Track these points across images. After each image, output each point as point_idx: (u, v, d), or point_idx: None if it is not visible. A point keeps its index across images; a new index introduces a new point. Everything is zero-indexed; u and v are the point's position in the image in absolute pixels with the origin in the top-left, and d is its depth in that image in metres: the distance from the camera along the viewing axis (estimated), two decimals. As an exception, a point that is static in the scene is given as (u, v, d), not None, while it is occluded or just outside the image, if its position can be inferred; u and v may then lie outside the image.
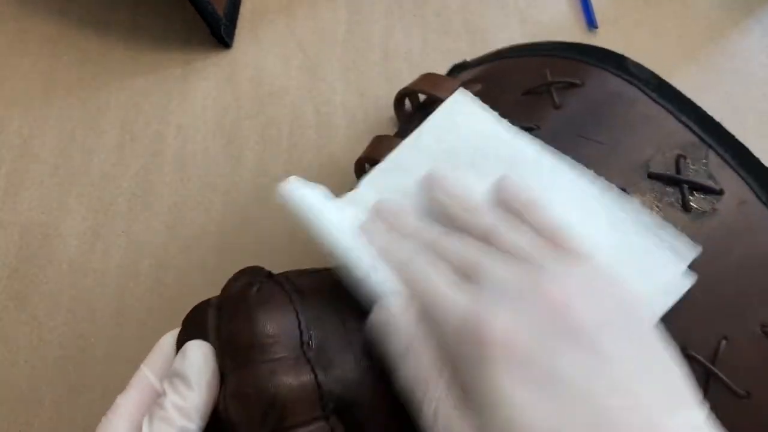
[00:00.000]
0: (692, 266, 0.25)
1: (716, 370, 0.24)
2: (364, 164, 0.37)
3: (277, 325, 0.22)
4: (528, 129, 0.30)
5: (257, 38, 0.46)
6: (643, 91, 0.29)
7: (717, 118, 0.42)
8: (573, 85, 0.31)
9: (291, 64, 0.45)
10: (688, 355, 0.25)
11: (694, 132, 0.28)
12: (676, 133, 0.28)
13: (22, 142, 0.41)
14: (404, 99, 0.39)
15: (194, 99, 0.43)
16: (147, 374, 0.23)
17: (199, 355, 0.22)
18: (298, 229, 0.40)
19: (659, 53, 0.45)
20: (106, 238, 0.38)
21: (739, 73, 0.44)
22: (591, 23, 0.46)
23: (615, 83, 0.30)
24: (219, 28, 0.43)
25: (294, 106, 0.43)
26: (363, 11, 0.47)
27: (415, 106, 0.39)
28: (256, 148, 0.41)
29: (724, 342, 0.25)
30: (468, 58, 0.41)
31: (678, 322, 0.25)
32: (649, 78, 0.30)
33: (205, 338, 0.23)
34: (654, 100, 0.29)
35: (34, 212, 0.39)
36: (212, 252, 0.38)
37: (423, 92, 0.36)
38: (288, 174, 0.40)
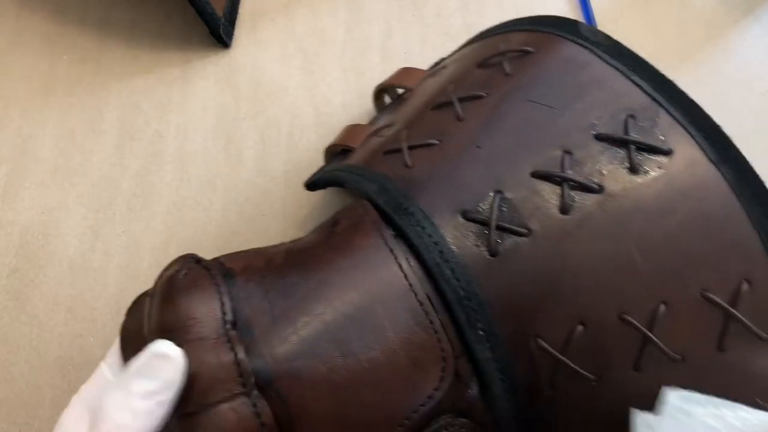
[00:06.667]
0: (634, 226, 0.25)
1: (652, 336, 0.24)
2: (333, 151, 0.37)
3: (198, 308, 0.23)
4: (476, 97, 0.29)
5: (256, 38, 0.46)
6: (595, 54, 0.29)
7: (715, 117, 0.42)
8: (525, 54, 0.30)
9: (290, 64, 0.45)
10: (625, 320, 0.24)
11: (645, 92, 0.27)
12: (626, 93, 0.27)
13: (22, 142, 0.41)
14: (383, 94, 0.39)
15: (194, 99, 0.43)
16: (104, 369, 0.24)
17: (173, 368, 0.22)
18: (297, 230, 0.40)
19: (658, 53, 0.45)
20: (106, 237, 0.38)
21: (738, 72, 0.44)
22: (589, 23, 0.46)
23: (567, 48, 0.30)
24: (218, 28, 0.43)
25: (293, 106, 0.43)
26: (362, 12, 0.47)
27: (393, 99, 0.40)
28: (256, 148, 0.41)
29: (663, 307, 0.24)
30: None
31: (616, 287, 0.24)
32: (602, 40, 0.29)
33: (140, 326, 0.24)
34: (606, 62, 0.28)
35: (34, 212, 0.39)
36: (212, 252, 0.38)
37: (399, 86, 0.37)
38: (288, 174, 0.40)
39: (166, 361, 0.22)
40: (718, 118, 0.45)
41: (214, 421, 0.21)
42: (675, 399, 0.23)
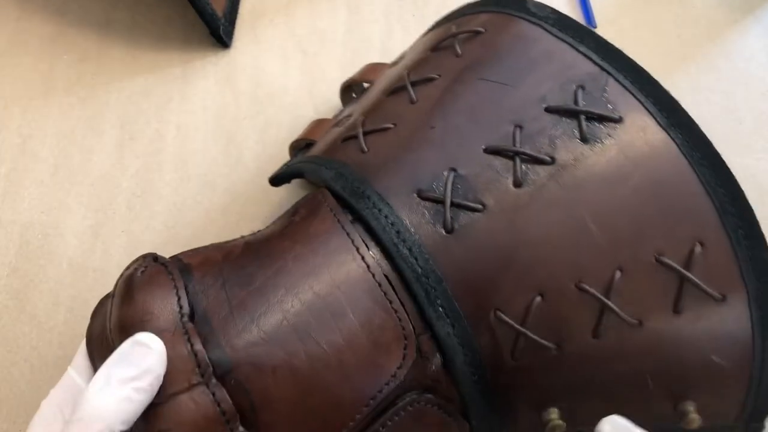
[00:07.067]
0: (588, 195, 0.25)
1: (610, 303, 0.24)
2: (298, 146, 0.37)
3: (154, 303, 0.24)
4: (429, 80, 0.30)
5: (256, 38, 0.46)
6: (544, 29, 0.29)
7: (716, 117, 0.42)
8: (476, 34, 0.31)
9: (290, 64, 0.45)
10: (582, 289, 0.25)
11: (593, 61, 0.28)
12: (575, 65, 0.28)
13: (22, 142, 0.41)
14: (349, 90, 0.40)
15: (194, 99, 0.43)
16: (71, 374, 0.25)
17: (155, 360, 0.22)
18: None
19: (659, 53, 0.45)
20: (105, 237, 0.38)
21: (738, 73, 0.44)
22: (589, 23, 0.46)
23: (516, 25, 0.30)
24: (218, 28, 0.43)
25: (293, 106, 0.43)
26: (363, 11, 0.47)
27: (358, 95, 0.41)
28: (256, 148, 0.41)
29: (618, 273, 0.25)
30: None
31: (572, 256, 0.25)
32: (549, 14, 0.30)
33: (104, 326, 0.25)
34: (555, 36, 0.29)
35: (34, 211, 0.39)
36: (212, 252, 0.38)
37: (365, 81, 0.38)
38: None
39: (144, 349, 0.22)
40: (718, 119, 0.45)
41: (173, 411, 0.22)
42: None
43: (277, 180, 0.35)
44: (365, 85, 0.39)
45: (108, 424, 0.21)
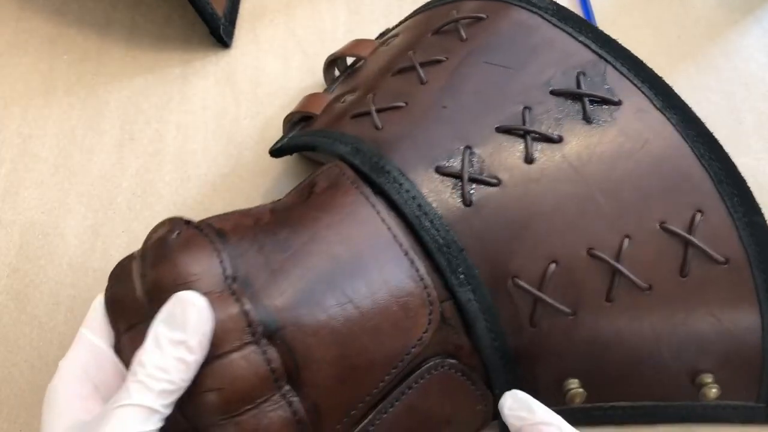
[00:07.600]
0: (594, 170, 0.27)
1: (620, 267, 0.26)
2: (292, 120, 0.38)
3: (198, 264, 0.24)
4: (437, 61, 0.32)
5: (257, 38, 0.46)
6: (543, 18, 0.31)
7: (716, 117, 0.42)
8: (478, 20, 0.32)
9: (290, 64, 0.45)
10: (594, 255, 0.26)
11: (592, 50, 0.30)
12: (575, 52, 0.30)
13: (22, 142, 0.41)
14: (333, 65, 0.41)
15: (194, 98, 0.43)
16: (87, 335, 0.24)
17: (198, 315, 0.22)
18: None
19: (659, 53, 0.45)
20: (106, 237, 0.38)
21: (738, 73, 0.44)
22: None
23: (517, 13, 0.32)
24: (218, 28, 0.43)
25: (293, 106, 0.43)
26: (363, 11, 0.47)
27: (342, 71, 0.41)
28: (256, 148, 0.41)
29: (626, 240, 0.27)
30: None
31: (583, 225, 0.27)
32: (548, 5, 0.32)
33: (130, 288, 0.24)
34: (554, 25, 0.31)
35: (34, 211, 0.39)
36: (212, 252, 0.38)
37: (350, 55, 0.39)
38: (288, 174, 0.40)
39: (188, 309, 0.22)
40: (718, 119, 0.45)
41: (225, 370, 0.22)
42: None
43: (278, 152, 0.35)
44: (348, 60, 0.40)
45: (170, 381, 0.21)
